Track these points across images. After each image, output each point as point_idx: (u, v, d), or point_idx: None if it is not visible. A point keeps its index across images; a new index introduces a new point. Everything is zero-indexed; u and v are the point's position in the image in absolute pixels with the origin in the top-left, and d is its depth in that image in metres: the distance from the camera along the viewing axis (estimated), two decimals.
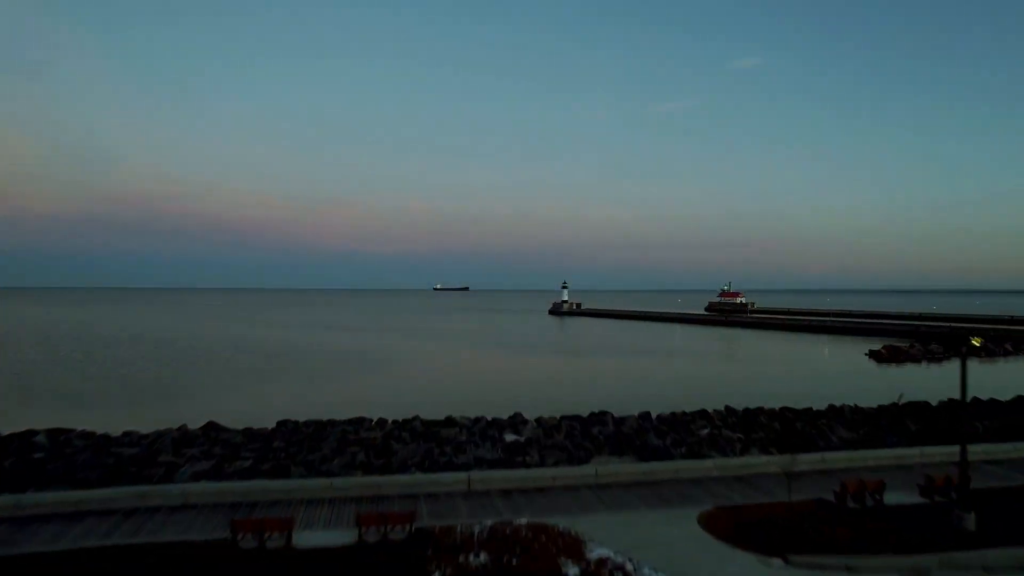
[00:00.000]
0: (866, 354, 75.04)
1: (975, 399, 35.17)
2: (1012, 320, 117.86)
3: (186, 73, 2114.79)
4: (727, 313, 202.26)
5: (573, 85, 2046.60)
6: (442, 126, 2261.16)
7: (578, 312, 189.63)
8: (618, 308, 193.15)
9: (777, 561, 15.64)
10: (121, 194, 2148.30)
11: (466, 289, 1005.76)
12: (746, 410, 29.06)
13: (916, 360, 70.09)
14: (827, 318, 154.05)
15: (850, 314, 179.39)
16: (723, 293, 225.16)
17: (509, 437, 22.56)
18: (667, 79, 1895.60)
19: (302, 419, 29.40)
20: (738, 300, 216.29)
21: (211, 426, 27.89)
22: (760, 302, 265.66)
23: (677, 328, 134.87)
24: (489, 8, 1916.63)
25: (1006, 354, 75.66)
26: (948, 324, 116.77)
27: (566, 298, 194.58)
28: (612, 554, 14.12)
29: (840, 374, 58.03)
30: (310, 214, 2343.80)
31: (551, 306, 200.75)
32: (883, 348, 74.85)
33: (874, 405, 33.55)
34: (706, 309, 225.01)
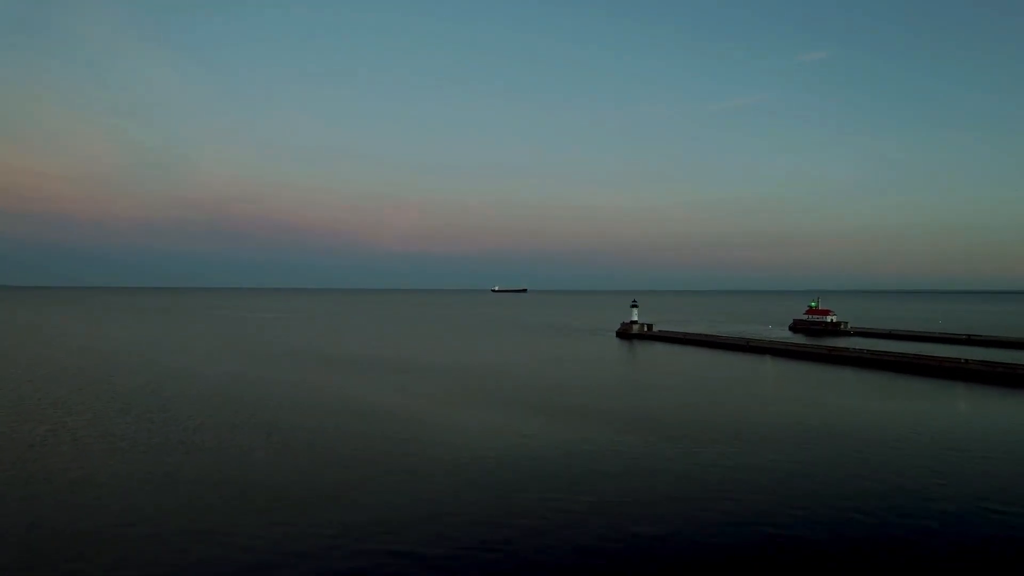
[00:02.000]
0: None
1: None
2: None
3: (251, 69, 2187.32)
4: (817, 335, 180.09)
5: (636, 84, 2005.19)
6: (506, 124, 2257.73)
7: (649, 335, 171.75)
8: (693, 332, 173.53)
9: None
10: (196, 198, 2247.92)
11: (524, 291, 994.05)
12: None
13: None
14: (946, 343, 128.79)
15: (971, 339, 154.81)
16: (810, 310, 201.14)
17: None
18: (732, 74, 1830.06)
19: None
20: (828, 319, 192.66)
21: None
22: (834, 305, 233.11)
23: (767, 362, 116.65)
24: (552, 22, 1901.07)
25: None
26: None
27: (635, 318, 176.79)
28: None
29: None
30: (370, 214, 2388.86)
31: (619, 327, 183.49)
32: None
33: None
34: (791, 328, 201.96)
